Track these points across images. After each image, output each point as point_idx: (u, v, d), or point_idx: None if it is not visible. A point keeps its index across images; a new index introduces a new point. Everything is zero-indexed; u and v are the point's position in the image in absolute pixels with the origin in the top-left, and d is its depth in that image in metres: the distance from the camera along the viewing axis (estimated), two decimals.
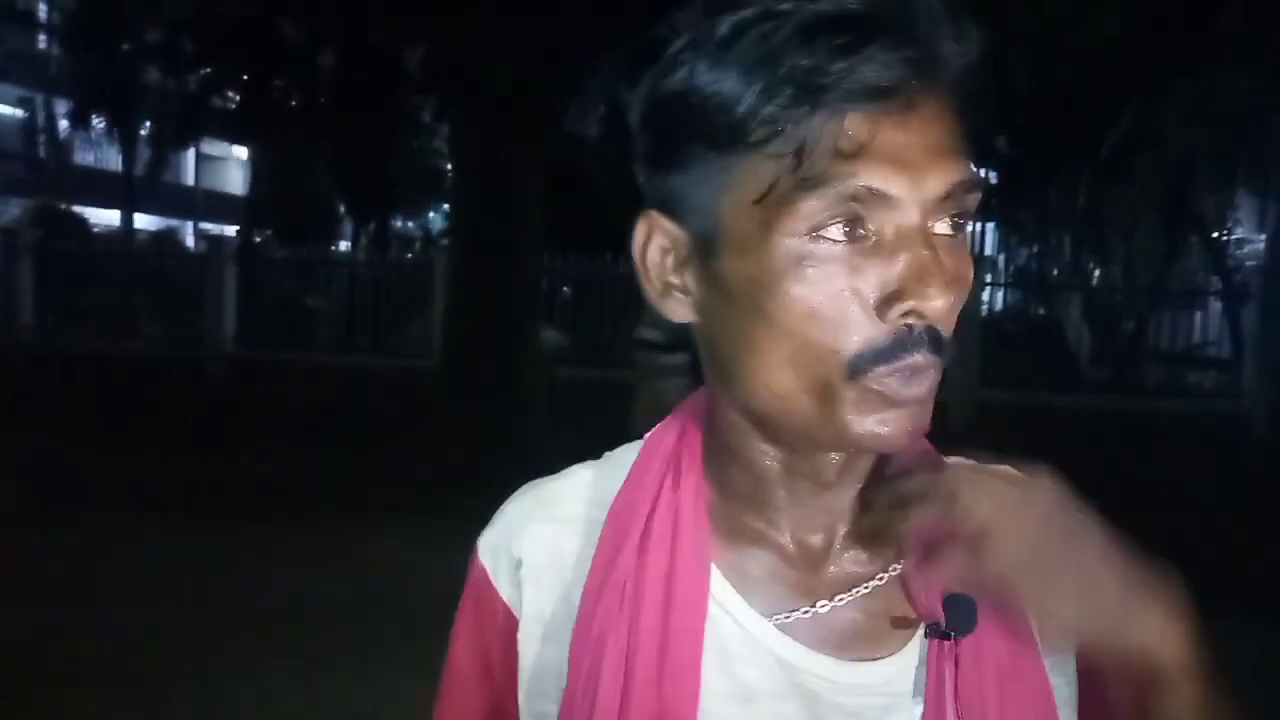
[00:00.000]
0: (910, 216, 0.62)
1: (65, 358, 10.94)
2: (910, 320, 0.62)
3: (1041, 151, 15.25)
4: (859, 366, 0.62)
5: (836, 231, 0.61)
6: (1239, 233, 22.67)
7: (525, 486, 0.81)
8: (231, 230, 21.32)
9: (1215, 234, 17.06)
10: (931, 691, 0.68)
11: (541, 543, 0.77)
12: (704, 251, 0.67)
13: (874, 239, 0.62)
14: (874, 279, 0.62)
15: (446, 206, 20.68)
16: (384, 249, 19.88)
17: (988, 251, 28.59)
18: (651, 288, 0.70)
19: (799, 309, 0.62)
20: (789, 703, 0.69)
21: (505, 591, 0.77)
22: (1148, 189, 16.18)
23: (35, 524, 5.80)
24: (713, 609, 0.70)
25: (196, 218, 31.48)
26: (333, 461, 7.70)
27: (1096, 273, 17.53)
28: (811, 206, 0.61)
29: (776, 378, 0.65)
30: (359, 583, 4.95)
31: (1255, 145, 11.53)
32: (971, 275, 0.65)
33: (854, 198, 0.61)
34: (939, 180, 0.62)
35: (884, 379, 0.63)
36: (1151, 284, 14.49)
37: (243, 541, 5.66)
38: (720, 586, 0.71)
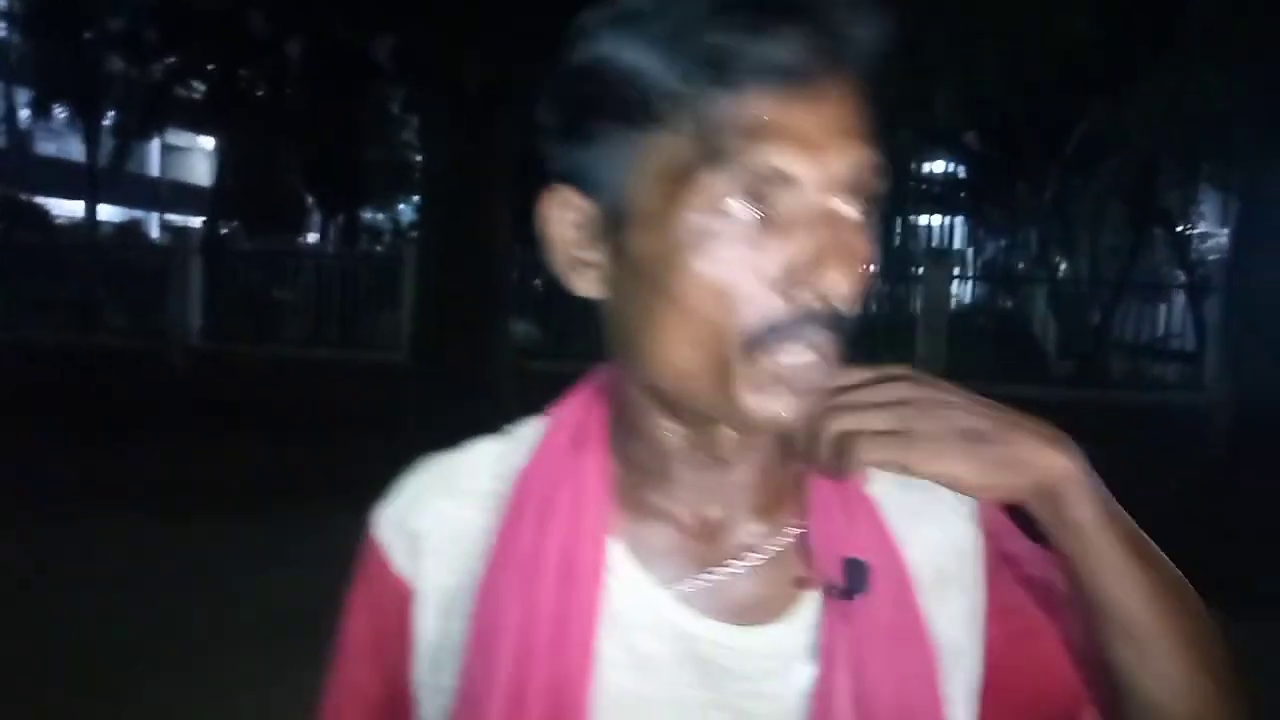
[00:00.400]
0: (814, 197, 0.63)
1: (28, 350, 10.79)
2: (810, 299, 0.63)
3: (1009, 146, 15.38)
4: (756, 342, 0.63)
5: (741, 209, 0.62)
6: (1202, 227, 22.96)
7: (424, 461, 0.81)
8: (197, 222, 21.12)
9: (1179, 228, 17.27)
10: (825, 651, 0.70)
11: (442, 517, 0.77)
12: (612, 226, 0.67)
13: (778, 218, 0.63)
14: (777, 257, 0.63)
15: (416, 199, 20.57)
16: (353, 241, 19.77)
17: (956, 244, 28.83)
18: (557, 260, 0.70)
19: (701, 285, 0.63)
20: (684, 670, 0.71)
21: (402, 566, 0.77)
22: (1113, 184, 16.36)
23: None
24: (611, 580, 0.71)
25: (161, 209, 31.12)
26: (301, 455, 7.65)
27: (1063, 266, 17.69)
28: (717, 183, 0.62)
29: (677, 355, 0.65)
30: (328, 577, 4.92)
31: (1218, 141, 11.66)
32: (874, 256, 0.66)
33: (759, 176, 0.62)
34: (843, 162, 0.63)
35: (781, 357, 0.63)
36: (1117, 277, 14.65)
37: (208, 536, 5.62)
38: (620, 558, 0.72)
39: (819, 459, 0.67)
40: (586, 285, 0.70)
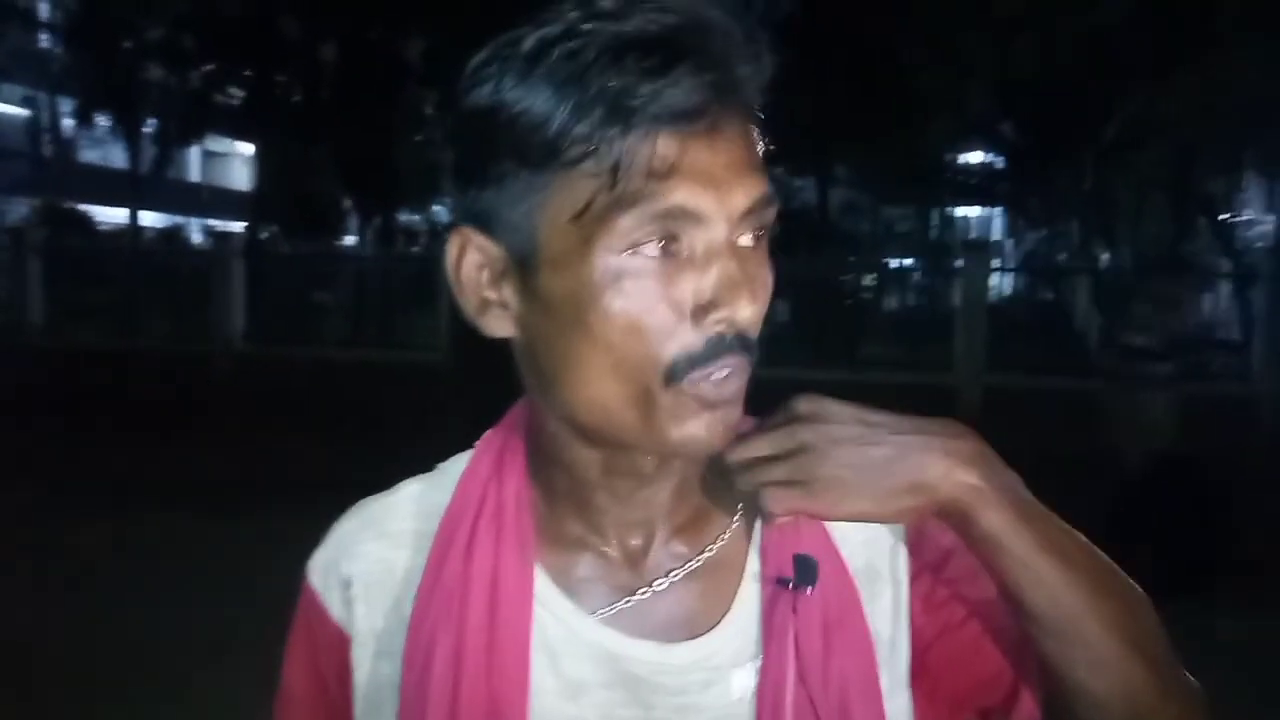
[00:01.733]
0: (718, 232, 0.65)
1: (74, 355, 10.98)
2: (722, 328, 0.65)
3: (1047, 135, 15.20)
4: (676, 372, 0.65)
5: (652, 248, 0.64)
6: (1247, 214, 22.57)
7: (355, 506, 0.83)
8: (238, 226, 21.36)
9: (1224, 216, 16.99)
10: (771, 645, 0.72)
11: (370, 560, 0.78)
12: (521, 267, 0.68)
13: (685, 252, 0.65)
14: (688, 291, 0.65)
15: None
16: (390, 243, 19.89)
17: (995, 236, 28.51)
18: (468, 303, 0.71)
19: (620, 322, 0.65)
20: (616, 691, 0.72)
21: (336, 612, 0.79)
22: (1155, 172, 16.12)
23: (46, 520, 5.84)
24: (538, 609, 0.73)
25: (202, 214, 31.51)
26: (341, 455, 7.72)
27: (1105, 256, 17.46)
28: (628, 224, 0.63)
29: (599, 389, 0.67)
30: None
31: (1262, 127, 11.45)
32: (772, 283, 0.69)
33: (668, 215, 0.64)
34: (743, 197, 0.65)
35: (699, 383, 0.66)
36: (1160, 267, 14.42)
37: (254, 534, 5.68)
38: (545, 587, 0.74)
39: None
40: (498, 325, 0.71)
